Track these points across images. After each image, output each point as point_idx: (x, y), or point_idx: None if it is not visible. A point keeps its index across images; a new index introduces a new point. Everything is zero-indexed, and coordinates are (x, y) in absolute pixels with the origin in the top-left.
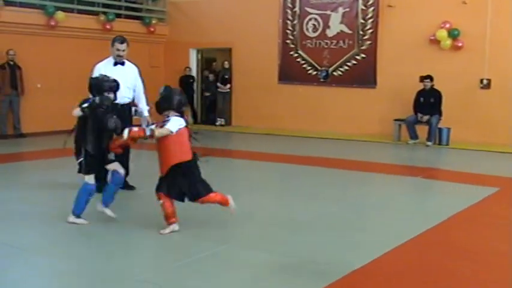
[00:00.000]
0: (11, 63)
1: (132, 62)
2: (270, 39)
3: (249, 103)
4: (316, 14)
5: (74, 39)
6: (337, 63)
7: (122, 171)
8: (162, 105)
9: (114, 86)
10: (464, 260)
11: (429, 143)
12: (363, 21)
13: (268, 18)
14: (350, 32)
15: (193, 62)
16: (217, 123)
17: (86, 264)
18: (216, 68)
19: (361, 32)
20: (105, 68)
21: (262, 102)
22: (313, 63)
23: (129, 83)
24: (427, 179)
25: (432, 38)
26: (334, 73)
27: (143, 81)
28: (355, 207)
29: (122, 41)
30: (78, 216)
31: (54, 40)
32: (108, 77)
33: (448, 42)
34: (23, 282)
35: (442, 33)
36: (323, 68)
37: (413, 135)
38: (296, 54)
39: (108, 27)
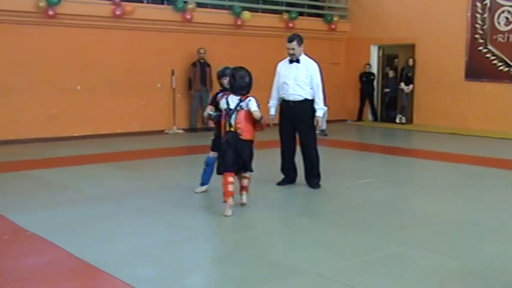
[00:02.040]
0: (201, 61)
1: (313, 59)
2: (456, 34)
3: (431, 101)
4: (509, 6)
5: (258, 38)
6: None
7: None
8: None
9: (221, 72)
10: None
11: None
12: None
13: (455, 12)
14: None
15: (374, 59)
16: (397, 121)
17: (265, 253)
18: (398, 65)
19: None
20: (282, 65)
21: (446, 100)
22: (505, 59)
23: (300, 81)
24: None
25: None
26: None
27: (322, 79)
28: None
29: (290, 39)
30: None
31: (240, 39)
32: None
33: None
34: (207, 266)
35: None
36: None
37: None
38: (485, 50)
39: (290, 25)
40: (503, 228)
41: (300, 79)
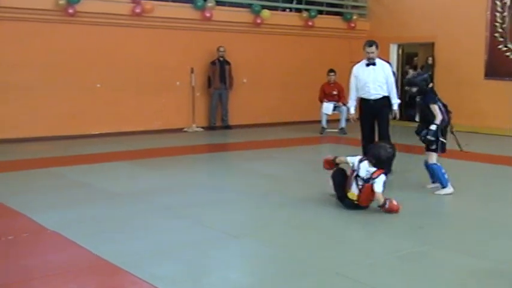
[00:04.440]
0: (221, 59)
1: (385, 61)
2: (476, 32)
3: (451, 99)
4: None
5: (277, 36)
6: None
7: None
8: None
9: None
10: None
11: None
12: None
13: (475, 10)
14: None
15: (393, 57)
16: (416, 119)
17: (288, 252)
18: (417, 63)
19: None
20: (358, 68)
21: (466, 99)
22: None
23: (379, 81)
24: None
25: None
26: None
27: (396, 76)
28: None
29: (371, 44)
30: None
31: (260, 37)
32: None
33: None
34: (229, 265)
35: None
36: None
37: None
38: (505, 48)
39: (310, 23)
40: None
41: (379, 80)
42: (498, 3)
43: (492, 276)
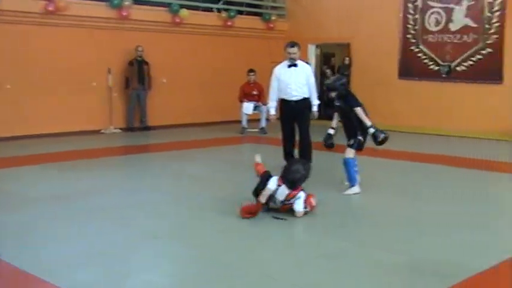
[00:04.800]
0: (139, 59)
1: (306, 62)
2: (389, 34)
3: (366, 99)
4: (439, 7)
5: (196, 36)
6: (461, 58)
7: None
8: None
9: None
10: None
11: None
12: (489, 14)
13: (389, 12)
14: (475, 25)
15: (312, 58)
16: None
17: (212, 254)
18: (335, 64)
19: (487, 26)
20: (280, 70)
21: (380, 98)
22: (435, 58)
23: (301, 83)
24: None
25: None
26: (457, 68)
27: (316, 78)
28: (480, 208)
29: (292, 45)
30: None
31: (179, 37)
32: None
33: None
34: (152, 267)
35: None
36: (445, 63)
37: None
38: (417, 49)
39: (229, 23)
40: (434, 221)
41: (300, 82)
42: (410, 5)
43: (415, 273)
